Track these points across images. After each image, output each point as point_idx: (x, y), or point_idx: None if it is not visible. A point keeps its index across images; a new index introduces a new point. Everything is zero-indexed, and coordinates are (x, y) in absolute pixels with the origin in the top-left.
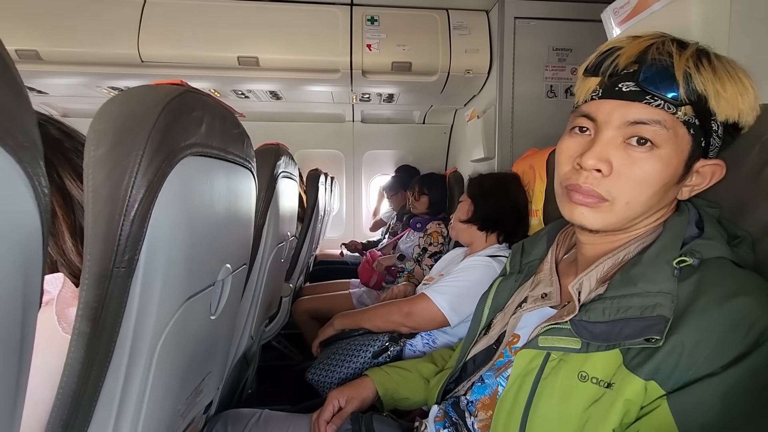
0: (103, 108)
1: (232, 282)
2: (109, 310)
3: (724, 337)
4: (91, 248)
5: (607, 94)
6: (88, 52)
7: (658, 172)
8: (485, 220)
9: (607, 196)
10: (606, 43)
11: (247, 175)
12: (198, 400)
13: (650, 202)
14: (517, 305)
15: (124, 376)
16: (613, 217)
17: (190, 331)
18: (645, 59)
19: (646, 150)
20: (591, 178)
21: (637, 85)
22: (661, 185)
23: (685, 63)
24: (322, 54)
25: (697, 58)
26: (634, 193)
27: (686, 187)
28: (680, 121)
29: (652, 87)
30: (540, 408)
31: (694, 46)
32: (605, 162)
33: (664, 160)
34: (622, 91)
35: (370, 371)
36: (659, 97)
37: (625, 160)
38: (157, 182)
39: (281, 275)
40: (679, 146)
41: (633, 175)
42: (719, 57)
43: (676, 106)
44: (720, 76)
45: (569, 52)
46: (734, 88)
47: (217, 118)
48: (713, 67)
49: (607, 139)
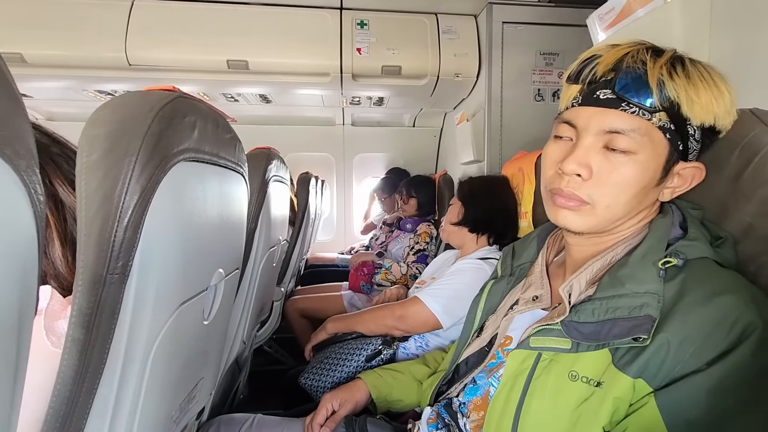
0: (96, 113)
1: (224, 287)
2: (102, 316)
3: (708, 335)
4: (85, 254)
5: (586, 101)
6: (74, 55)
7: (637, 176)
8: (476, 223)
9: (588, 199)
10: (587, 51)
11: (239, 180)
12: (191, 406)
13: (630, 204)
14: (509, 307)
15: (118, 382)
16: (595, 219)
17: (183, 337)
18: (621, 67)
19: (624, 155)
20: (572, 182)
21: (613, 92)
22: (640, 188)
23: (658, 70)
24: (311, 58)
25: (670, 66)
26: (613, 196)
27: (667, 189)
28: (656, 127)
29: (627, 94)
30: (532, 408)
31: (670, 53)
32: (585, 167)
33: (641, 164)
34: (600, 98)
35: (363, 374)
36: (634, 104)
37: (605, 165)
38: (151, 188)
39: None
40: (656, 150)
41: (612, 179)
42: (695, 63)
43: (650, 112)
44: (694, 82)
45: (556, 56)
46: (708, 94)
47: (209, 123)
48: (687, 74)
49: (586, 144)
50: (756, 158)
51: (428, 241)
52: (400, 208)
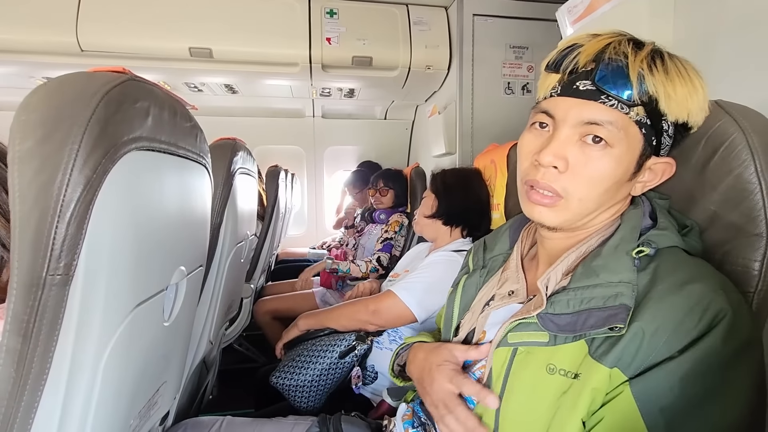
0: (29, 96)
1: (187, 285)
2: (42, 322)
3: (680, 322)
4: (20, 254)
5: (565, 91)
6: (20, 39)
7: (611, 170)
8: (449, 215)
9: (563, 192)
10: (567, 40)
11: (201, 171)
12: (152, 413)
13: (602, 198)
14: (484, 303)
15: (64, 395)
16: (568, 214)
17: (140, 341)
18: (602, 58)
19: (601, 148)
20: (548, 174)
21: (593, 84)
22: (613, 182)
23: (639, 64)
24: (279, 47)
25: (651, 60)
26: (587, 190)
27: (639, 184)
28: (633, 121)
29: (607, 86)
30: (511, 403)
31: (650, 46)
32: (561, 159)
33: (616, 158)
34: (579, 89)
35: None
36: (613, 97)
37: (580, 158)
38: (97, 179)
39: (241, 276)
40: (631, 145)
41: (587, 172)
42: (672, 57)
43: (628, 106)
44: (672, 78)
45: (525, 50)
46: (684, 89)
47: (165, 109)
48: (666, 68)
49: (564, 136)
50: (721, 148)
51: (397, 230)
52: (376, 201)
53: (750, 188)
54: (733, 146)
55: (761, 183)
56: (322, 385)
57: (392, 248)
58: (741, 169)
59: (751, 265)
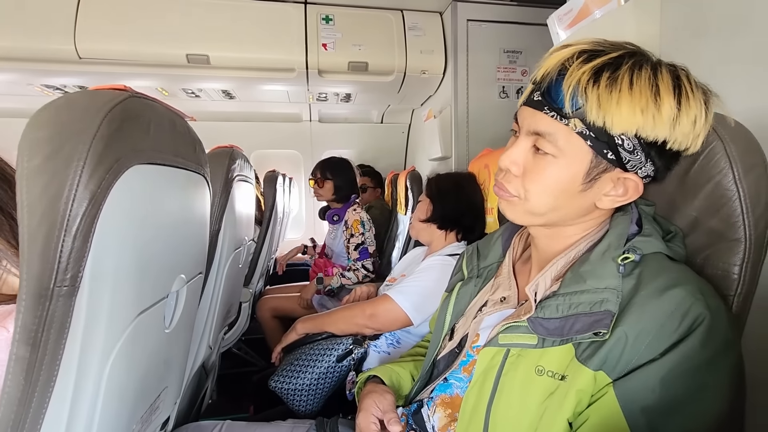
0: (37, 115)
1: (187, 292)
2: (50, 331)
3: (662, 326)
4: (28, 267)
5: (527, 100)
6: (19, 46)
7: (557, 177)
8: (444, 219)
9: (516, 193)
10: (549, 51)
11: (200, 181)
12: (154, 417)
13: (555, 204)
14: (477, 309)
15: (71, 400)
16: (524, 211)
17: (143, 347)
18: (551, 71)
19: (546, 156)
20: (507, 176)
21: (540, 94)
22: (561, 190)
23: (578, 76)
24: (276, 52)
25: (596, 72)
26: (536, 195)
27: (607, 197)
28: (574, 132)
29: (547, 98)
30: (501, 403)
31: (606, 58)
32: (515, 163)
33: (562, 167)
34: (534, 99)
35: (375, 370)
36: (552, 108)
37: (530, 164)
38: (101, 194)
39: (240, 281)
40: (577, 156)
41: (535, 177)
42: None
43: (565, 117)
44: (618, 90)
45: (519, 54)
46: (634, 104)
47: (165, 124)
48: (613, 80)
49: (521, 143)
50: (701, 157)
51: (362, 231)
52: (315, 193)
53: (728, 195)
54: (712, 155)
55: (739, 190)
56: (320, 389)
57: (368, 249)
58: (720, 176)
59: (731, 269)
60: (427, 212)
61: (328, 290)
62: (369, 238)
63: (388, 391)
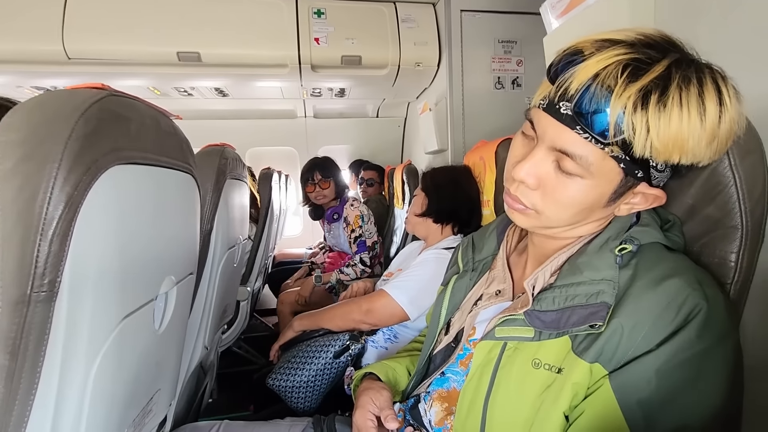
0: (9, 116)
1: (177, 293)
2: (29, 338)
3: (658, 317)
4: (3, 273)
5: (549, 108)
6: (7, 48)
7: (581, 197)
8: (440, 213)
9: (531, 207)
10: (571, 46)
11: (187, 181)
12: (148, 420)
13: (574, 219)
14: (473, 303)
15: (54, 408)
16: (539, 224)
17: (131, 350)
18: (589, 85)
19: (571, 176)
20: (520, 188)
21: (572, 110)
22: (582, 208)
23: (624, 100)
24: (268, 48)
25: (644, 95)
26: (555, 211)
27: (625, 205)
28: (609, 156)
29: (583, 119)
30: (499, 396)
31: (653, 76)
32: (533, 176)
33: (588, 187)
34: (560, 112)
35: (371, 367)
36: (588, 132)
37: (551, 180)
38: (78, 196)
39: (235, 280)
40: (606, 177)
41: (556, 194)
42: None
43: (604, 144)
44: (669, 117)
45: (514, 44)
46: (679, 137)
47: (148, 122)
48: (663, 105)
49: (540, 155)
50: None
51: (361, 224)
52: (318, 196)
53: (724, 181)
54: None
55: (735, 176)
56: (318, 386)
57: (365, 242)
58: (716, 163)
59: (727, 257)
60: (422, 206)
61: (329, 287)
62: (367, 231)
63: (384, 387)
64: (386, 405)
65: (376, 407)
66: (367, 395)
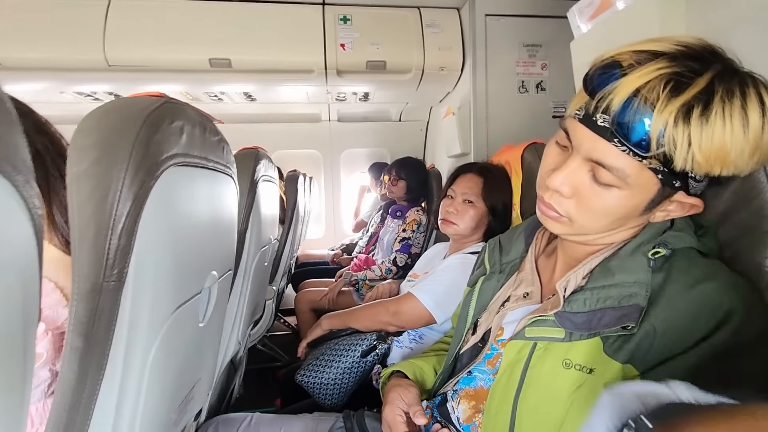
0: (82, 123)
1: (218, 288)
2: (100, 324)
3: (691, 321)
4: (80, 262)
5: (585, 120)
6: (51, 57)
7: (616, 207)
8: (495, 233)
9: (566, 215)
10: (608, 56)
11: (228, 181)
12: (189, 408)
13: (609, 227)
14: (500, 304)
15: (119, 388)
16: (573, 230)
17: (180, 340)
18: (630, 100)
19: (609, 187)
20: (554, 196)
21: (611, 123)
22: (618, 217)
23: (666, 116)
24: (295, 54)
25: (686, 110)
26: (590, 220)
27: (661, 212)
28: (646, 168)
29: (622, 132)
30: (528, 396)
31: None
32: (568, 186)
33: (624, 197)
34: (597, 123)
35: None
36: (627, 145)
37: (586, 190)
38: (143, 195)
39: (265, 279)
40: (643, 188)
41: (591, 204)
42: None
43: (642, 157)
44: (712, 132)
45: (539, 48)
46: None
47: (196, 127)
48: (705, 120)
49: (575, 164)
50: None
51: (414, 229)
52: (388, 189)
53: (759, 186)
54: None
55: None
56: (345, 383)
57: (410, 248)
58: None
59: (763, 262)
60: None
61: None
62: (416, 238)
63: (412, 384)
64: (414, 401)
65: (404, 403)
66: (396, 392)
